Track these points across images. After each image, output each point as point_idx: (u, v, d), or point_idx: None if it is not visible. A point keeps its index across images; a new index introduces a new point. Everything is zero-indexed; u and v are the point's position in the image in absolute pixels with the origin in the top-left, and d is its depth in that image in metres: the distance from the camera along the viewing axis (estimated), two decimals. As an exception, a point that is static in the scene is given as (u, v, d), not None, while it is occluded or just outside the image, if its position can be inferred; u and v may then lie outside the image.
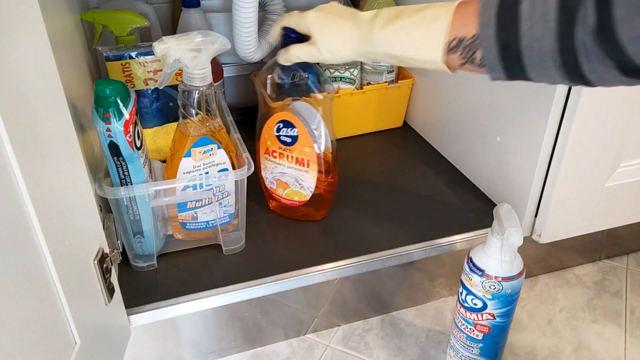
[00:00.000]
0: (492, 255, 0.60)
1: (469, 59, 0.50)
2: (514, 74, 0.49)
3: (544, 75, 0.47)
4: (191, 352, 0.73)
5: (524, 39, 0.46)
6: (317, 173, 0.74)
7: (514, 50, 0.46)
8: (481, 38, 0.48)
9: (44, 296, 0.43)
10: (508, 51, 0.47)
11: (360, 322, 0.79)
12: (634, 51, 0.41)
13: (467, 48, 0.49)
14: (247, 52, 0.91)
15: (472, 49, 0.49)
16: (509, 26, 0.46)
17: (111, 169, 0.62)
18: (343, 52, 0.57)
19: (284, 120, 0.72)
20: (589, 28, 0.42)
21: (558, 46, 0.44)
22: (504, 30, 0.46)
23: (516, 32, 0.46)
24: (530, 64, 0.47)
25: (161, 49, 0.58)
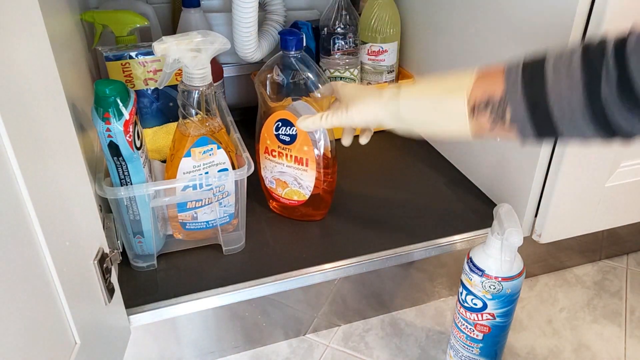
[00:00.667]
0: (492, 255, 0.60)
1: (499, 119, 0.50)
2: (545, 131, 0.49)
3: (575, 131, 0.47)
4: (191, 352, 0.73)
5: (552, 94, 0.46)
6: (316, 172, 0.74)
7: (543, 107, 0.47)
8: (509, 96, 0.48)
9: (44, 296, 0.43)
10: (537, 108, 0.48)
11: (360, 322, 0.79)
12: None
13: (495, 106, 0.49)
14: (247, 52, 0.91)
15: (502, 107, 0.49)
16: (536, 83, 0.47)
17: (111, 169, 0.62)
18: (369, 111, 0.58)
19: (283, 119, 0.72)
20: (612, 83, 0.43)
21: (585, 99, 0.45)
22: (531, 87, 0.47)
23: (543, 88, 0.47)
24: (560, 119, 0.47)
25: (161, 49, 0.58)
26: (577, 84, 0.45)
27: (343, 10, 0.96)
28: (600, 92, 0.45)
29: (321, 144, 0.73)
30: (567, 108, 0.47)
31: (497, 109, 0.49)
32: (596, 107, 0.45)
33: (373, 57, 1.00)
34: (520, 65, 0.49)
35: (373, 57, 1.00)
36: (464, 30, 0.83)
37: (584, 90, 0.45)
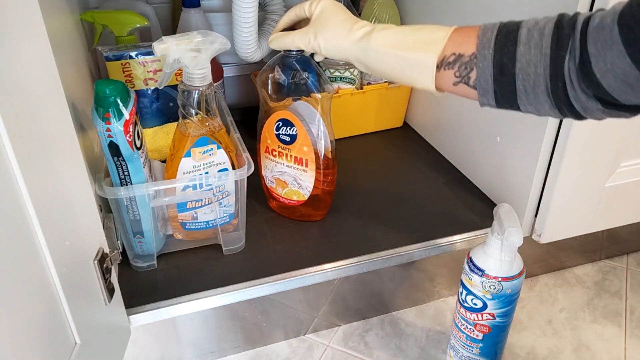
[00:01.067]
0: (492, 255, 0.60)
1: (464, 78, 0.50)
2: (504, 99, 0.49)
3: (532, 103, 0.48)
4: (191, 352, 0.73)
5: (519, 62, 0.47)
6: (315, 173, 0.74)
7: (509, 73, 0.48)
8: (479, 57, 0.49)
9: (44, 296, 0.43)
10: (503, 73, 0.48)
11: (360, 322, 0.79)
12: (607, 85, 0.44)
13: (464, 66, 0.49)
14: (247, 52, 0.91)
15: (469, 67, 0.49)
16: (507, 48, 0.47)
17: (111, 169, 0.62)
18: (337, 44, 0.56)
19: (283, 119, 0.72)
20: (575, 59, 0.45)
21: (550, 72, 0.46)
22: (501, 52, 0.48)
23: (513, 54, 0.47)
24: (522, 88, 0.48)
25: (161, 49, 0.59)
26: (544, 55, 0.46)
27: (343, 10, 0.96)
28: (564, 71, 0.45)
29: (321, 145, 0.73)
30: (531, 80, 0.47)
31: (464, 68, 0.50)
32: (558, 84, 0.46)
33: (373, 57, 1.00)
34: (496, 28, 0.49)
35: (373, 57, 1.00)
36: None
37: (549, 66, 0.46)
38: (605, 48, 0.43)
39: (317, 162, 0.74)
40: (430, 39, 0.51)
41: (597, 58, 0.43)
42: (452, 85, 0.51)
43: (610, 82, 0.44)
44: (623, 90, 0.44)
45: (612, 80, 0.43)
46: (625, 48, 0.41)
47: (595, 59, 0.43)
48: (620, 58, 0.42)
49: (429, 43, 0.51)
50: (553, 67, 0.46)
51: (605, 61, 0.43)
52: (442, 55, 0.50)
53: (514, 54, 0.47)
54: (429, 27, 0.52)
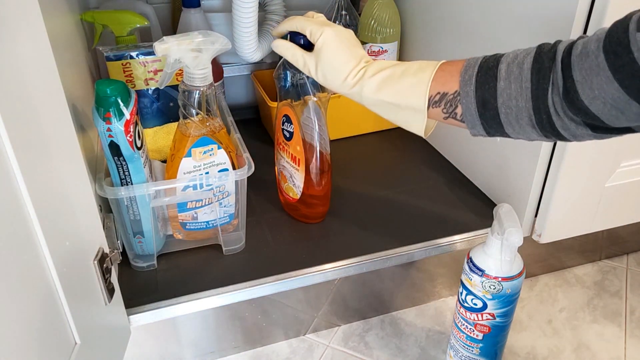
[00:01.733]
0: (492, 255, 0.60)
1: (451, 114, 0.52)
2: (493, 130, 0.51)
3: (520, 132, 0.50)
4: (191, 352, 0.73)
5: (500, 97, 0.49)
6: (305, 174, 0.74)
7: (492, 108, 0.50)
8: (461, 94, 0.51)
9: (44, 296, 0.43)
10: (486, 108, 0.50)
11: (360, 322, 0.79)
12: (596, 110, 0.44)
13: (449, 103, 0.52)
14: (247, 52, 0.91)
15: (454, 104, 0.52)
16: (488, 84, 0.49)
17: (111, 169, 0.62)
18: (334, 85, 0.58)
19: (286, 114, 0.72)
20: (558, 90, 0.45)
21: (532, 105, 0.47)
22: (482, 88, 0.50)
23: (494, 89, 0.49)
24: (507, 121, 0.49)
25: (162, 49, 0.58)
26: (525, 89, 0.47)
27: (343, 10, 0.96)
28: (547, 102, 0.47)
29: (315, 147, 0.73)
30: (514, 113, 0.49)
31: (450, 105, 0.52)
32: (542, 115, 0.47)
33: (373, 57, 1.00)
34: (477, 64, 0.51)
35: (373, 57, 1.00)
36: (464, 29, 0.83)
37: (531, 99, 0.47)
38: (591, 75, 0.43)
39: (308, 164, 0.73)
40: (418, 84, 0.53)
41: (583, 85, 0.44)
42: (443, 120, 0.54)
43: (599, 108, 0.44)
44: (613, 114, 0.44)
45: (601, 106, 0.44)
46: (613, 74, 0.42)
47: (581, 86, 0.44)
48: (608, 84, 0.42)
49: (416, 89, 0.53)
50: (535, 100, 0.47)
51: (592, 88, 0.43)
52: (429, 95, 0.53)
53: (495, 89, 0.49)
54: (415, 67, 0.54)
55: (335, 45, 0.58)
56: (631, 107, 0.42)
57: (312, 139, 0.72)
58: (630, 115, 0.43)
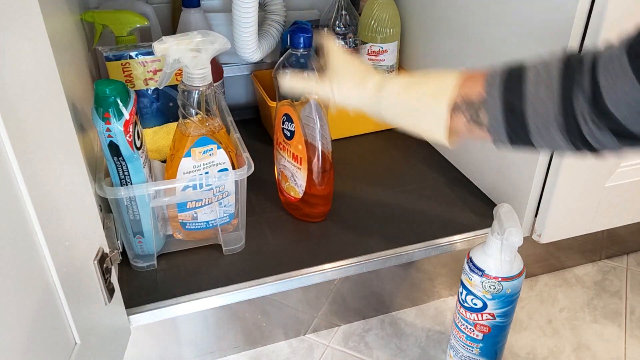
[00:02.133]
0: (492, 255, 0.60)
1: (475, 120, 0.50)
2: (518, 138, 0.49)
3: (547, 140, 0.48)
4: (191, 352, 0.73)
5: (529, 101, 0.47)
6: (308, 173, 0.74)
7: (519, 112, 0.48)
8: (487, 98, 0.49)
9: (44, 296, 0.43)
10: (513, 113, 0.48)
11: (360, 322, 0.79)
12: (621, 116, 0.43)
13: (473, 108, 0.49)
14: (247, 52, 0.91)
15: (479, 110, 0.49)
16: (515, 88, 0.48)
17: (111, 169, 0.62)
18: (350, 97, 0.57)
19: (286, 113, 0.72)
20: (586, 94, 0.44)
21: (560, 109, 0.46)
22: (509, 92, 0.48)
23: (521, 94, 0.47)
24: (534, 127, 0.48)
25: (161, 49, 0.58)
26: (554, 96, 0.46)
27: (343, 10, 0.96)
28: (575, 107, 0.45)
29: (317, 145, 0.73)
30: (542, 118, 0.47)
31: (475, 112, 0.50)
32: (570, 121, 0.46)
33: (373, 57, 1.00)
34: (503, 71, 0.49)
35: (373, 57, 1.00)
36: (464, 30, 0.83)
37: (560, 104, 0.46)
38: (615, 79, 0.42)
39: (310, 163, 0.73)
40: (439, 89, 0.51)
41: (608, 90, 0.43)
42: (465, 129, 0.51)
43: (624, 114, 0.43)
44: (638, 120, 0.43)
45: (626, 111, 0.43)
46: (637, 77, 0.41)
47: (606, 91, 0.43)
48: (632, 87, 0.42)
49: (438, 93, 0.51)
50: (564, 105, 0.46)
51: (617, 92, 0.43)
52: (453, 102, 0.50)
53: (523, 93, 0.47)
54: (435, 75, 0.53)
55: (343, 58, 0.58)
56: None
57: (313, 138, 0.72)
58: None
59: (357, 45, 0.99)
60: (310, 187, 0.75)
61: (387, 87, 0.54)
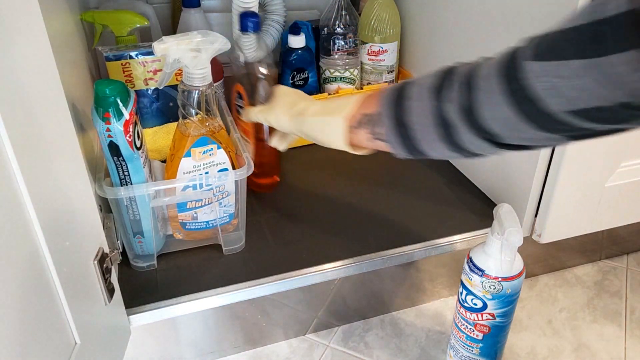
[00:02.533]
0: (492, 255, 0.60)
1: (375, 134, 0.56)
2: (411, 148, 0.54)
3: (435, 149, 0.53)
4: (191, 352, 0.73)
5: (412, 114, 0.52)
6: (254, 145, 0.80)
7: (406, 125, 0.53)
8: (381, 114, 0.54)
9: (44, 296, 0.43)
10: (401, 126, 0.53)
11: (360, 322, 0.79)
12: (497, 130, 0.46)
13: (372, 123, 0.56)
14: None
15: (376, 124, 0.55)
16: (400, 103, 0.53)
17: (111, 169, 0.62)
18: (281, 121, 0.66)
19: (238, 91, 0.80)
20: (459, 109, 0.48)
21: (438, 122, 0.50)
22: (397, 107, 0.53)
23: (405, 108, 0.52)
24: (420, 137, 0.52)
25: (161, 49, 0.58)
26: (430, 112, 0.50)
27: (343, 10, 0.96)
28: (450, 117, 0.49)
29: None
30: (425, 130, 0.51)
31: (373, 127, 0.56)
32: (448, 133, 0.50)
33: (373, 57, 1.00)
34: (394, 87, 0.55)
35: (373, 57, 1.00)
36: (464, 30, 0.83)
37: (435, 119, 0.50)
38: (489, 97, 0.45)
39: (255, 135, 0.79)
40: (342, 106, 0.59)
41: (482, 107, 0.46)
42: (367, 142, 0.58)
43: (498, 128, 0.46)
44: (513, 135, 0.46)
45: (500, 126, 0.46)
46: (507, 98, 0.43)
47: (481, 107, 0.46)
48: (503, 107, 0.44)
49: (340, 109, 0.59)
50: (440, 118, 0.50)
51: (491, 110, 0.45)
52: (354, 117, 0.57)
53: (407, 107, 0.52)
54: (347, 96, 0.61)
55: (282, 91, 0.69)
56: (527, 129, 0.44)
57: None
58: (528, 136, 0.45)
59: (357, 45, 0.99)
60: (255, 157, 0.80)
61: (309, 109, 0.63)
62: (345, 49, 0.98)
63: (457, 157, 0.53)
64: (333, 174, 0.91)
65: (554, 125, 0.42)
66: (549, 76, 0.40)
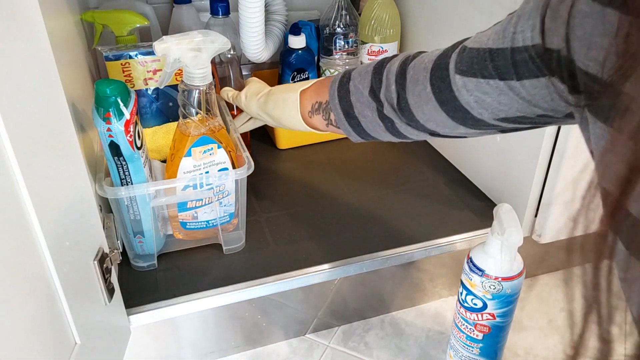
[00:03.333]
0: (492, 255, 0.60)
1: (329, 120, 0.61)
2: (363, 135, 0.58)
3: (384, 137, 0.57)
4: (191, 352, 0.73)
5: (356, 109, 0.56)
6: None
7: (353, 116, 0.57)
8: (331, 104, 0.59)
9: (44, 296, 0.43)
10: (350, 117, 0.57)
11: (360, 322, 0.79)
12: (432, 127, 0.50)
13: (324, 110, 0.60)
14: (255, 52, 0.91)
15: (328, 112, 0.60)
16: (345, 97, 0.57)
17: (111, 169, 0.62)
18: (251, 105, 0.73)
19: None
20: (394, 109, 0.52)
21: (377, 118, 0.54)
22: (342, 101, 0.58)
23: (350, 102, 0.57)
24: (368, 128, 0.57)
25: (161, 48, 0.58)
26: (371, 109, 0.54)
27: (343, 10, 0.96)
28: (389, 117, 0.53)
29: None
30: (369, 119, 0.56)
31: (325, 112, 0.60)
32: (390, 126, 0.54)
33: (373, 57, 1.00)
34: (338, 78, 0.59)
35: (373, 57, 1.00)
36: (464, 30, 0.83)
37: (378, 114, 0.54)
38: (422, 101, 0.49)
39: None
40: (301, 84, 0.65)
41: (416, 109, 0.50)
42: (325, 127, 0.63)
43: (432, 127, 0.50)
44: (446, 131, 0.50)
45: (433, 125, 0.50)
46: (440, 105, 0.47)
47: (415, 109, 0.50)
48: (436, 111, 0.48)
49: (299, 85, 0.65)
50: (381, 115, 0.54)
51: (424, 112, 0.49)
52: (310, 103, 0.63)
53: (350, 102, 0.57)
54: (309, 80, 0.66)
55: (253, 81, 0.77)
56: (459, 128, 0.48)
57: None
58: (460, 132, 0.49)
59: (357, 45, 0.99)
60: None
61: (273, 89, 0.70)
62: (345, 49, 0.98)
63: (406, 141, 0.57)
64: (333, 174, 0.91)
65: (486, 127, 0.47)
66: (475, 91, 0.43)
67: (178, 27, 0.96)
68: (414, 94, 0.49)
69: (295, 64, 0.95)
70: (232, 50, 0.87)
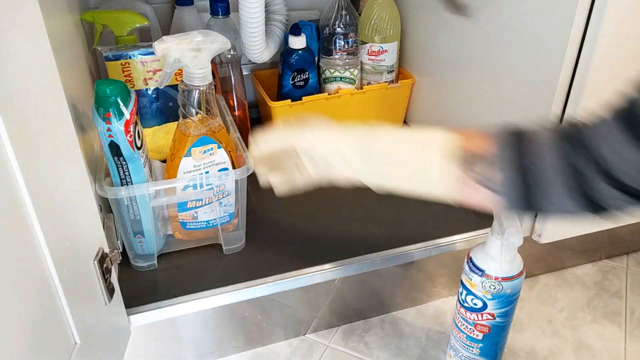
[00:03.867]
0: (492, 255, 0.60)
1: (484, 179, 0.47)
2: (528, 200, 0.47)
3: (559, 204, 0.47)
4: (191, 352, 0.73)
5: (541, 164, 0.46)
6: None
7: (533, 174, 0.46)
8: (499, 157, 0.46)
9: (44, 296, 0.43)
10: (527, 174, 0.46)
11: (360, 322, 0.79)
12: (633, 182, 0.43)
13: (485, 164, 0.47)
14: (255, 53, 0.91)
15: (493, 167, 0.47)
16: (527, 150, 0.46)
17: (111, 169, 0.62)
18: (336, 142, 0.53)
19: None
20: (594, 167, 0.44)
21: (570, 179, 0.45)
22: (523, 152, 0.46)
23: (533, 156, 0.46)
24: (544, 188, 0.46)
25: (161, 48, 0.59)
26: (561, 171, 0.45)
27: (343, 10, 0.96)
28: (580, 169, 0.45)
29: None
30: (553, 184, 0.46)
31: (486, 167, 0.47)
32: (579, 182, 0.45)
33: (373, 57, 1.00)
34: (508, 131, 0.48)
35: (373, 57, 1.00)
36: (464, 30, 0.83)
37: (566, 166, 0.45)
38: (619, 150, 0.43)
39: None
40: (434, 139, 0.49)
41: (615, 162, 0.43)
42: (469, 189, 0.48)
43: (634, 178, 0.43)
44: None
45: (636, 176, 0.43)
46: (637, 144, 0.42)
47: (614, 163, 0.43)
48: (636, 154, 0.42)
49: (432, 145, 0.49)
50: (573, 175, 0.45)
51: (624, 162, 0.43)
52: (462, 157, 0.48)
53: (536, 156, 0.46)
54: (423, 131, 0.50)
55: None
56: None
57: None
58: None
59: (357, 45, 0.99)
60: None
61: (376, 132, 0.51)
62: (345, 49, 0.98)
63: (581, 214, 0.47)
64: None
65: None
66: None
67: (180, 29, 0.96)
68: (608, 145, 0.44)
69: (296, 64, 0.95)
70: (232, 51, 0.87)
